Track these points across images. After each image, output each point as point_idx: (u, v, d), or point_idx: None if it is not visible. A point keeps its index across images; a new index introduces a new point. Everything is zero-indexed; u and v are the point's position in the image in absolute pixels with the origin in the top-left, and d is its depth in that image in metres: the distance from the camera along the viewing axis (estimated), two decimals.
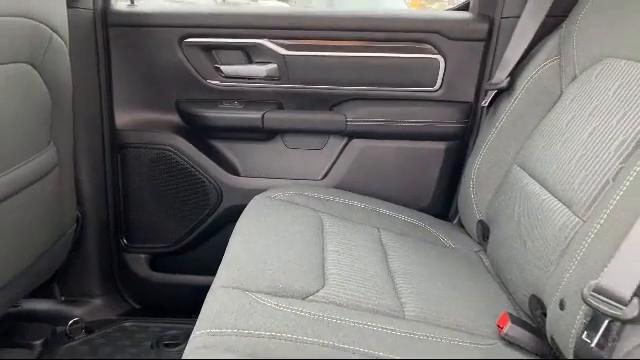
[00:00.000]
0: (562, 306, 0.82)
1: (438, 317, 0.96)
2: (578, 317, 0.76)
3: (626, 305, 0.68)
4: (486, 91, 1.39)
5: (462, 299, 1.04)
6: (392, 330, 0.87)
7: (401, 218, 1.41)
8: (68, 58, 1.27)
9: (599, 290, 0.71)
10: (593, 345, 0.71)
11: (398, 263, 1.14)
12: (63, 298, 1.60)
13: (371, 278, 1.04)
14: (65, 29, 1.24)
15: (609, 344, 0.70)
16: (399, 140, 1.52)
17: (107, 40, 1.44)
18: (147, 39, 1.45)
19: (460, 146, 1.50)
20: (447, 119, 1.48)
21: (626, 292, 0.68)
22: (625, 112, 0.92)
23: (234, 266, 1.00)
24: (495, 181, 1.28)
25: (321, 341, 0.79)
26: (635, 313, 0.67)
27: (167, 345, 1.48)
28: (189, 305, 1.36)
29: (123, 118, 1.51)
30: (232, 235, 1.18)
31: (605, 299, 0.70)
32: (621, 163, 0.87)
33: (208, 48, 1.46)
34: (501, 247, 1.16)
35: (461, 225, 1.45)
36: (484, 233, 1.29)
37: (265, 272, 0.97)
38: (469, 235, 1.39)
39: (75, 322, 1.53)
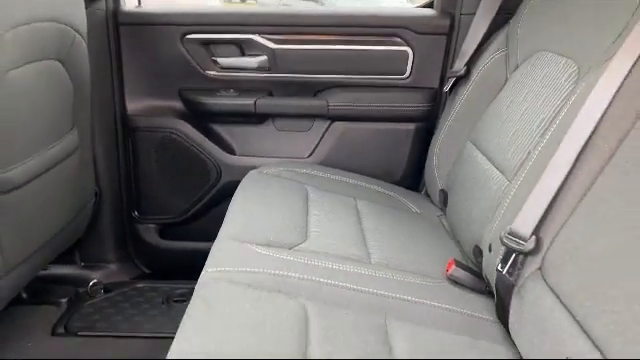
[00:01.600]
0: (490, 249, 1.05)
1: (398, 263, 1.19)
2: (499, 256, 0.99)
3: (526, 241, 0.91)
4: (448, 78, 1.61)
5: (420, 251, 1.28)
6: (358, 271, 1.10)
7: (375, 189, 1.63)
8: (87, 53, 1.48)
9: (511, 233, 0.94)
10: (504, 273, 0.94)
11: (369, 224, 1.36)
12: (83, 264, 1.83)
13: (345, 234, 1.27)
14: (84, 29, 1.44)
15: (515, 272, 0.93)
16: (374, 122, 1.74)
17: (118, 37, 1.64)
18: (153, 35, 1.66)
19: (427, 126, 1.72)
20: (415, 103, 1.70)
21: (527, 232, 0.91)
22: (547, 96, 1.14)
23: (234, 224, 1.23)
24: (453, 156, 1.51)
25: (301, 276, 1.02)
26: (532, 246, 0.90)
27: (176, 301, 1.72)
28: (194, 268, 1.58)
29: (133, 105, 1.72)
30: (231, 203, 1.40)
31: (514, 239, 0.93)
32: (540, 137, 1.09)
33: (206, 43, 1.68)
34: (455, 210, 1.39)
35: (427, 195, 1.69)
36: (444, 200, 1.52)
37: (258, 229, 1.20)
38: (433, 203, 1.62)
39: (95, 284, 1.76)
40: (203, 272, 1.03)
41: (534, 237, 0.91)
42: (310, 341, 0.85)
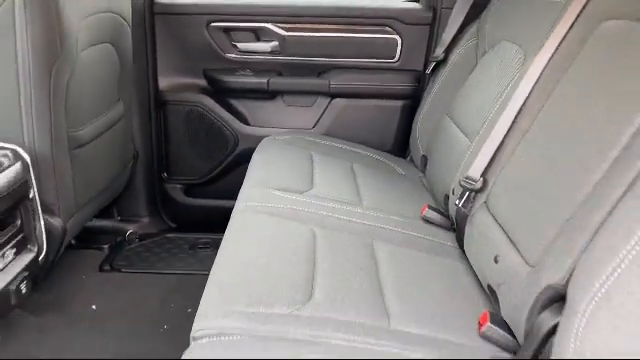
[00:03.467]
0: (453, 192, 1.38)
1: (383, 207, 1.50)
2: (458, 195, 1.32)
3: (476, 182, 1.24)
4: (429, 62, 1.92)
5: (402, 199, 1.60)
6: (353, 210, 1.42)
7: (368, 155, 1.95)
8: (131, 38, 1.78)
9: (466, 177, 1.27)
10: (461, 206, 1.27)
11: (362, 180, 1.68)
12: (119, 218, 2.15)
13: (343, 186, 1.59)
14: (129, 17, 1.75)
15: (469, 205, 1.26)
16: (368, 99, 2.06)
17: (153, 24, 1.95)
18: (182, 23, 1.97)
19: (412, 103, 2.04)
20: (403, 83, 2.02)
21: (477, 175, 1.24)
22: (501, 77, 1.45)
23: (255, 176, 1.55)
24: (432, 127, 1.82)
25: (310, 210, 1.35)
26: (480, 186, 1.23)
27: (200, 248, 2.05)
28: (214, 222, 1.90)
29: (164, 82, 2.04)
30: (250, 163, 1.72)
31: (468, 181, 1.26)
32: (494, 108, 1.41)
33: (227, 30, 1.98)
34: (432, 170, 1.72)
35: (412, 161, 2.01)
36: (425, 164, 1.84)
37: (275, 179, 1.52)
38: (416, 167, 1.94)
39: (131, 233, 2.08)
40: (235, 207, 1.35)
41: (482, 179, 1.24)
42: (317, 252, 1.18)
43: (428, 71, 1.92)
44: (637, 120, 0.85)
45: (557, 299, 0.86)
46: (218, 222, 1.68)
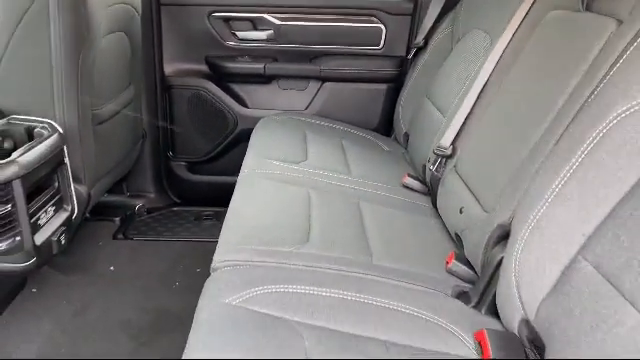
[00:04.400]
0: (429, 160, 1.59)
1: (370, 176, 1.71)
2: (432, 162, 1.53)
3: (447, 149, 1.45)
4: (411, 49, 2.13)
5: (386, 170, 1.80)
6: (342, 177, 1.63)
7: (356, 133, 2.16)
8: (140, 27, 1.97)
9: (439, 146, 1.48)
10: (434, 171, 1.48)
11: (350, 155, 1.88)
12: (128, 193, 2.34)
13: (333, 159, 1.79)
14: (139, 8, 1.93)
15: (440, 170, 1.48)
16: (356, 83, 2.26)
17: (159, 14, 2.13)
18: (186, 14, 2.15)
19: (396, 86, 2.24)
20: (387, 68, 2.22)
21: (447, 144, 1.45)
22: (471, 61, 1.66)
23: (255, 150, 1.75)
24: (413, 107, 2.03)
25: (304, 176, 1.56)
26: (450, 152, 1.44)
27: (204, 219, 2.25)
28: (216, 197, 2.10)
29: (169, 68, 2.22)
30: (250, 140, 1.91)
31: (440, 149, 1.47)
32: (464, 87, 1.62)
33: (227, 20, 2.17)
34: (412, 145, 1.93)
35: (396, 139, 2.22)
36: (407, 140, 2.05)
37: (273, 152, 1.72)
38: (400, 144, 2.15)
39: (140, 206, 2.28)
40: (241, 172, 1.55)
41: (452, 146, 1.46)
42: (312, 208, 1.38)
43: (410, 57, 2.13)
44: (567, 90, 1.07)
45: (505, 236, 1.08)
46: (220, 196, 1.88)
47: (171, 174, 2.37)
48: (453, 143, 1.46)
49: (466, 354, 0.95)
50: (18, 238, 1.19)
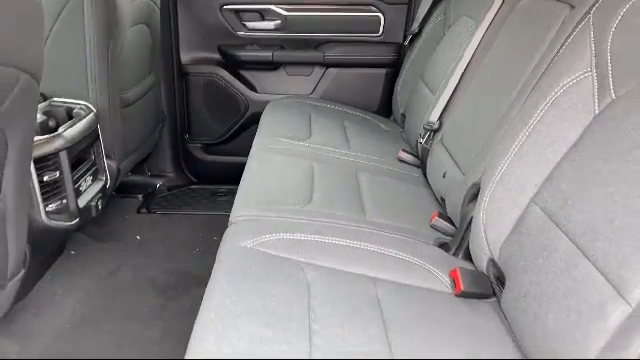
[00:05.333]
0: (420, 135, 1.77)
1: (368, 150, 1.89)
2: (422, 137, 1.71)
3: (434, 124, 1.63)
4: (407, 36, 2.30)
5: (384, 147, 1.99)
6: (343, 151, 1.82)
7: (358, 115, 2.34)
8: (159, 19, 2.16)
9: (427, 122, 1.67)
10: (424, 143, 1.67)
11: (351, 133, 2.07)
12: (149, 173, 2.55)
13: (335, 137, 1.97)
14: (158, 2, 2.13)
15: (429, 142, 1.66)
16: (357, 68, 2.44)
17: (175, 7, 2.33)
18: (200, 7, 2.34)
19: (394, 71, 2.42)
20: (386, 54, 2.40)
21: (435, 119, 1.64)
22: (458, 44, 1.83)
23: (265, 129, 1.94)
24: (409, 89, 2.21)
25: (308, 151, 1.75)
26: (437, 127, 1.63)
27: (219, 196, 2.45)
28: (229, 175, 2.30)
29: (185, 57, 2.42)
30: (260, 120, 2.10)
31: (429, 124, 1.66)
32: (451, 69, 1.79)
33: (237, 12, 2.36)
34: (408, 125, 2.11)
35: (395, 120, 2.40)
36: (404, 121, 2.24)
37: (281, 131, 1.91)
38: (398, 124, 2.33)
39: (161, 185, 2.49)
40: (253, 146, 1.75)
41: (438, 121, 1.64)
42: (315, 176, 1.57)
43: (406, 43, 2.31)
44: (529, 67, 1.25)
45: (478, 193, 1.26)
46: (233, 175, 2.07)
47: (188, 155, 2.58)
48: (440, 118, 1.65)
49: (442, 289, 1.15)
50: (65, 201, 1.40)
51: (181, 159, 2.59)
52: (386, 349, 0.92)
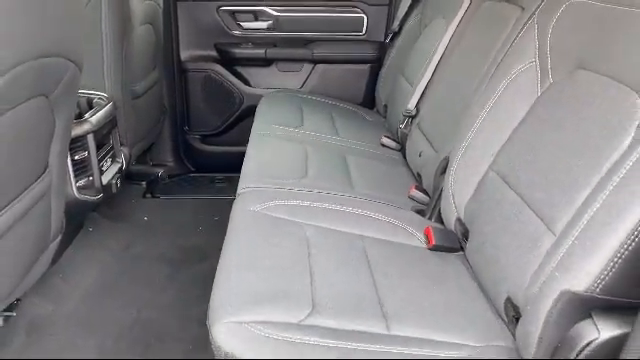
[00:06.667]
0: (400, 122, 2.00)
1: (355, 137, 2.12)
2: (401, 123, 1.94)
3: (412, 111, 1.86)
4: (388, 34, 2.54)
5: (368, 135, 2.21)
6: (332, 137, 2.04)
7: (344, 107, 2.57)
8: (162, 20, 2.37)
9: (406, 110, 1.90)
10: (403, 128, 1.90)
11: (339, 124, 2.28)
12: (151, 163, 2.74)
13: (325, 126, 2.20)
14: (161, 4, 2.33)
15: (407, 128, 1.90)
16: (343, 64, 2.67)
17: (175, 9, 2.53)
18: (198, 8, 2.55)
19: (377, 66, 2.66)
20: (369, 51, 2.64)
21: (412, 107, 1.87)
22: (433, 41, 2.06)
23: (261, 118, 2.16)
24: (390, 84, 2.44)
25: (301, 136, 1.97)
26: (414, 113, 1.86)
27: (217, 183, 2.66)
28: (226, 164, 2.51)
29: (185, 54, 2.63)
30: (256, 112, 2.31)
31: (407, 112, 1.89)
32: (426, 63, 2.02)
33: (233, 12, 2.57)
34: (389, 113, 2.34)
35: (378, 111, 2.63)
36: (386, 111, 2.47)
37: (276, 120, 2.13)
38: (381, 115, 2.57)
39: (162, 172, 2.68)
40: (251, 134, 1.96)
41: (415, 108, 1.88)
42: (308, 156, 1.79)
43: (387, 41, 2.54)
44: (489, 60, 1.49)
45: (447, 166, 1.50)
46: (230, 164, 2.28)
47: (187, 145, 2.78)
48: (417, 106, 1.88)
49: (417, 244, 1.37)
50: (91, 178, 1.60)
51: (181, 149, 2.79)
52: (372, 287, 1.14)
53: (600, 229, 0.83)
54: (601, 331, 0.81)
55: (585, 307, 0.83)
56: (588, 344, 0.81)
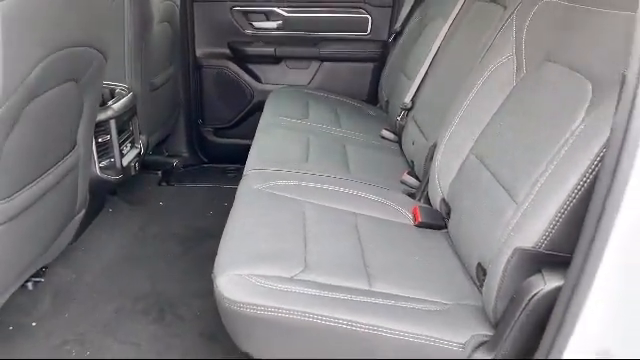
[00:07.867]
0: (398, 115, 2.14)
1: (357, 129, 2.26)
2: (398, 116, 2.08)
3: (407, 104, 2.00)
4: (391, 34, 2.68)
5: (369, 127, 2.35)
6: (335, 128, 2.18)
7: (349, 103, 2.71)
8: (178, 19, 2.54)
9: (403, 103, 2.04)
10: (400, 120, 2.04)
11: (343, 118, 2.43)
12: (167, 154, 2.92)
13: (329, 119, 2.34)
14: (178, 4, 2.50)
15: (403, 119, 2.03)
16: (349, 62, 2.82)
17: (192, 9, 2.70)
18: (213, 8, 2.72)
19: (380, 64, 2.80)
20: (373, 50, 2.79)
21: (408, 100, 2.01)
22: (430, 40, 2.20)
23: (269, 111, 2.31)
24: (392, 81, 2.58)
25: (303, 127, 2.11)
26: (410, 106, 2.00)
27: (228, 173, 2.82)
28: (237, 156, 2.66)
29: (200, 51, 2.80)
30: (265, 105, 2.47)
31: (403, 104, 2.03)
32: (423, 60, 2.16)
33: (245, 13, 2.74)
34: (390, 108, 2.48)
35: (381, 107, 2.77)
36: (387, 107, 2.60)
37: (283, 112, 2.28)
38: (383, 111, 2.70)
39: (177, 163, 2.85)
40: (258, 125, 2.11)
41: (411, 102, 2.01)
42: (310, 145, 1.93)
43: (390, 40, 2.69)
44: (475, 55, 1.62)
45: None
46: (241, 156, 2.42)
47: (201, 138, 2.95)
48: (412, 99, 2.02)
49: (405, 222, 1.51)
50: (112, 159, 1.77)
51: (195, 141, 2.96)
52: (359, 253, 1.28)
53: (547, 193, 0.96)
54: (547, 282, 0.93)
55: (534, 262, 0.96)
56: (536, 294, 0.94)
